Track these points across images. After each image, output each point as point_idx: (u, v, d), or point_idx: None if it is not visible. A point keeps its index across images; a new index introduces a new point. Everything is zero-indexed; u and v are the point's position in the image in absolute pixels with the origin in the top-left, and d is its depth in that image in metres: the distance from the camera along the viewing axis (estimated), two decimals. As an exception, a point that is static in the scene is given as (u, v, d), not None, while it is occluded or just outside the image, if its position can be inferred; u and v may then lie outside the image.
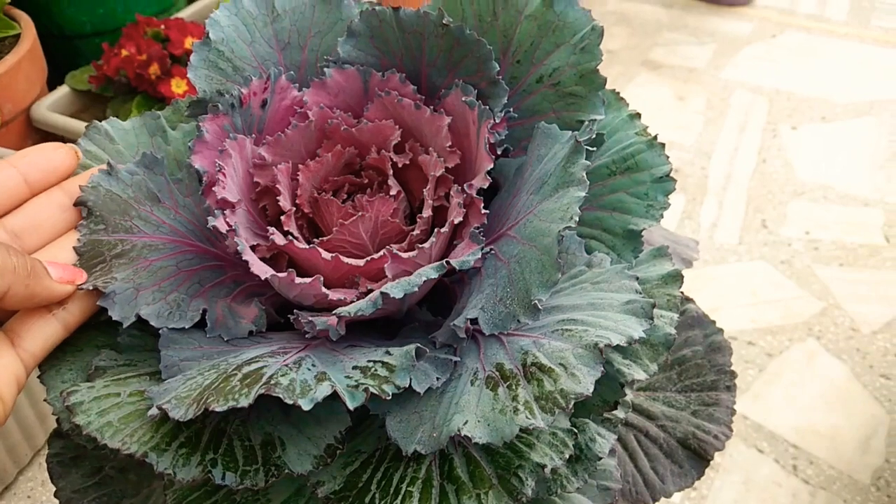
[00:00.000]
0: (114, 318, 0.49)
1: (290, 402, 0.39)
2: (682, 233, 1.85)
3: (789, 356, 1.56)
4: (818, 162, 2.08)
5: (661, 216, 0.56)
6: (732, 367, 0.72)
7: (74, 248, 0.50)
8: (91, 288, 0.49)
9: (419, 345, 0.45)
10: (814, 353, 1.57)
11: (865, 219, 1.89)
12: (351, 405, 0.41)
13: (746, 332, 1.61)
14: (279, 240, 0.51)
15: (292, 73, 0.57)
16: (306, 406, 0.39)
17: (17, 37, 1.46)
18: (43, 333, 0.48)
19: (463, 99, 0.53)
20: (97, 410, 0.43)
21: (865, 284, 1.72)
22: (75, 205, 0.52)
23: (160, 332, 0.49)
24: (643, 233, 0.56)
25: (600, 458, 0.51)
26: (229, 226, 0.49)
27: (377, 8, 0.55)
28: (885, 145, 2.13)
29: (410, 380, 0.43)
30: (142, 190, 0.53)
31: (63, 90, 1.55)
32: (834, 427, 1.44)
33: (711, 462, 0.70)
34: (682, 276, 0.54)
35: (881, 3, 2.81)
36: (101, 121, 0.60)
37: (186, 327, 0.50)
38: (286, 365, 0.43)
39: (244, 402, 0.39)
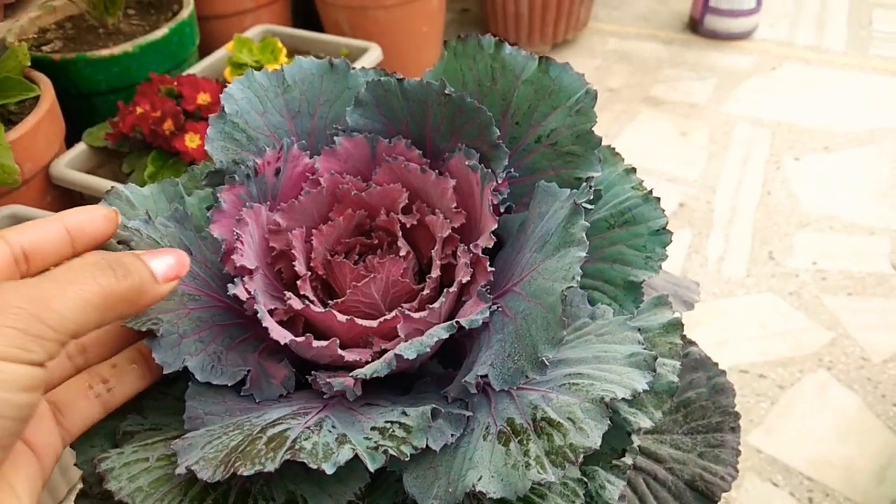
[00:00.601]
0: (157, 362, 0.50)
1: (315, 466, 0.41)
2: (689, 267, 1.87)
3: (801, 388, 1.57)
4: (822, 192, 2.10)
5: (660, 267, 0.58)
6: (737, 408, 0.73)
7: None
8: (144, 329, 0.50)
9: (435, 406, 0.47)
10: (825, 384, 1.58)
11: (872, 247, 1.91)
12: (372, 467, 0.43)
13: (757, 365, 1.62)
14: (296, 304, 0.54)
15: (303, 141, 0.60)
16: (329, 470, 0.41)
17: (37, 98, 1.51)
18: (84, 414, 0.50)
19: (466, 163, 0.56)
20: (127, 476, 0.46)
21: (874, 313, 1.73)
22: (119, 242, 0.53)
23: (188, 383, 0.51)
24: (643, 282, 0.58)
25: (610, 505, 0.53)
26: (249, 293, 0.51)
27: (382, 79, 0.58)
28: (888, 173, 2.15)
29: (427, 439, 0.46)
30: (175, 241, 0.55)
31: (80, 147, 1.60)
32: (848, 458, 1.44)
33: (726, 497, 0.71)
34: (682, 325, 0.57)
35: (879, 33, 2.85)
36: (117, 174, 0.63)
37: (229, 384, 0.52)
38: (308, 427, 0.45)
39: (270, 467, 0.41)
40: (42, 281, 0.41)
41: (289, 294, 0.54)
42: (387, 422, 0.46)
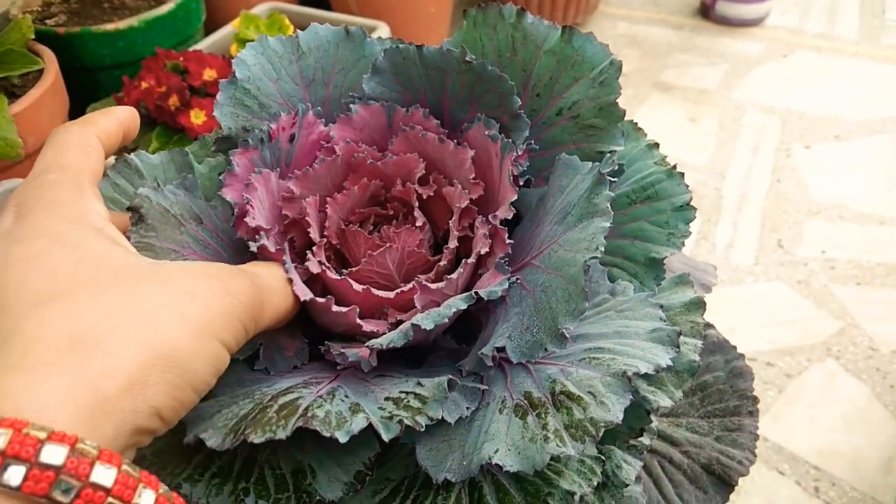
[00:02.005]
0: None
1: (328, 434, 0.40)
2: (697, 254, 1.86)
3: (808, 377, 1.56)
4: (832, 181, 2.08)
5: (683, 244, 0.56)
6: (754, 392, 0.72)
7: None
8: None
9: (451, 377, 0.46)
10: (833, 374, 1.56)
11: (882, 237, 1.89)
12: (386, 437, 0.42)
13: (764, 353, 1.60)
14: (314, 267, 0.52)
15: (318, 108, 0.59)
16: (343, 438, 0.40)
17: (41, 71, 1.49)
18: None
19: (486, 133, 0.55)
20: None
21: (883, 303, 1.71)
22: (128, 209, 0.53)
23: None
24: (665, 259, 0.57)
25: (627, 485, 0.52)
26: (279, 244, 0.50)
27: (401, 46, 0.57)
28: (899, 163, 2.13)
29: (442, 410, 0.44)
30: (186, 208, 0.54)
31: (84, 122, 1.58)
32: (855, 448, 1.43)
33: (734, 489, 0.70)
34: (705, 303, 0.55)
35: (892, 22, 2.82)
36: (121, 150, 0.61)
37: (240, 359, 0.50)
38: (320, 396, 0.44)
39: (282, 435, 0.40)
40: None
41: (309, 254, 0.53)
42: (402, 392, 0.45)
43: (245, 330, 0.44)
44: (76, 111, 1.61)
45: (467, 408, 0.47)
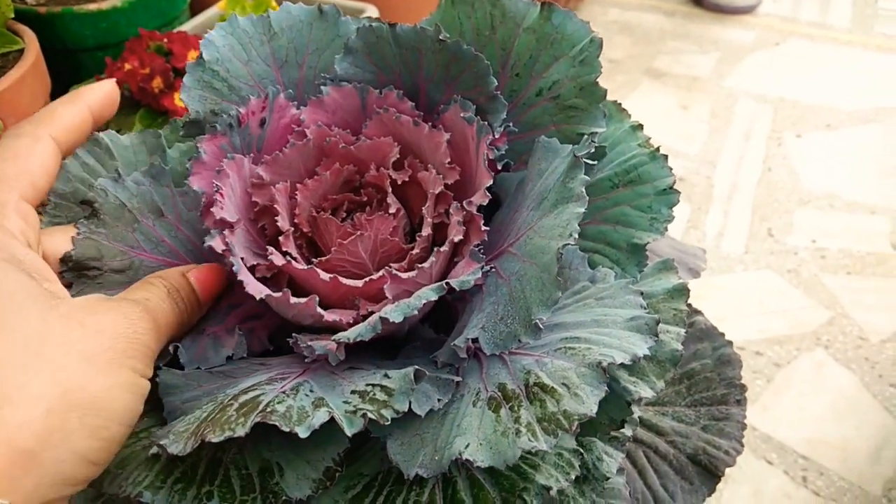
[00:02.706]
0: None
1: (287, 429, 0.38)
2: (687, 242, 1.84)
3: (797, 366, 1.55)
4: (824, 170, 2.07)
5: (666, 229, 0.55)
6: (743, 381, 0.71)
7: (67, 253, 0.50)
8: None
9: (418, 367, 0.44)
10: (822, 363, 1.56)
11: (872, 227, 1.88)
12: (349, 431, 0.40)
13: (754, 343, 1.59)
14: (277, 260, 0.50)
15: (290, 91, 0.57)
16: (303, 434, 0.38)
17: (21, 51, 1.46)
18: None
19: (461, 115, 0.53)
20: None
21: (873, 293, 1.70)
22: (81, 203, 0.52)
23: (157, 378, 0.48)
24: (648, 245, 0.55)
25: (608, 478, 0.50)
26: (226, 245, 0.48)
27: (374, 24, 0.55)
28: (890, 152, 2.12)
29: (410, 403, 0.43)
30: (146, 201, 0.53)
31: (66, 106, 1.55)
32: (844, 438, 1.42)
33: (720, 480, 0.69)
34: (689, 290, 0.53)
35: (884, 11, 2.80)
36: (96, 132, 0.59)
37: (161, 366, 0.49)
38: (283, 392, 0.42)
39: (241, 432, 0.38)
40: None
41: (271, 249, 0.51)
42: (367, 384, 0.43)
43: (153, 352, 0.45)
44: (58, 93, 1.58)
45: (439, 400, 0.45)
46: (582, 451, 0.47)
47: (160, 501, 0.41)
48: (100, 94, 0.55)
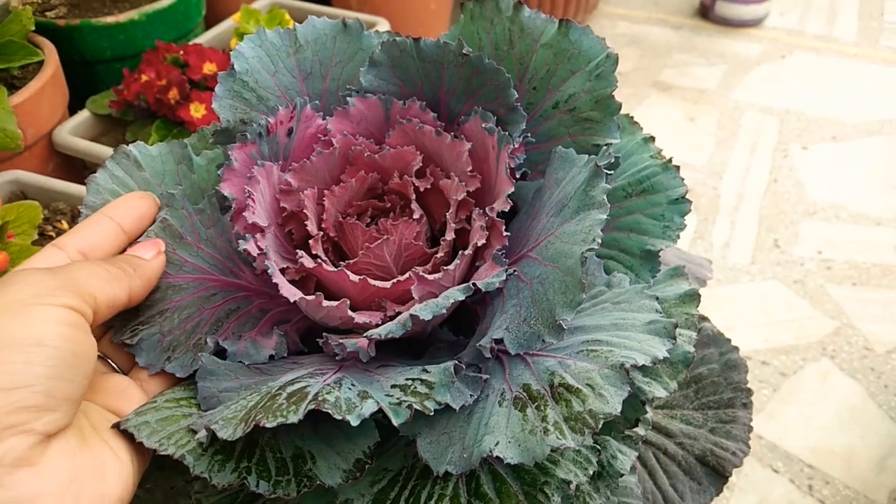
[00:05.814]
0: (142, 365, 0.53)
1: (339, 417, 0.41)
2: (694, 252, 1.86)
3: (803, 376, 1.57)
4: (830, 181, 2.08)
5: (678, 236, 0.57)
6: (748, 385, 0.73)
7: None
8: (118, 343, 0.53)
9: (456, 362, 0.46)
10: (828, 373, 1.57)
11: (878, 238, 1.89)
12: (396, 421, 0.42)
13: (760, 352, 1.61)
14: (308, 262, 0.53)
15: (316, 102, 0.59)
16: (354, 422, 0.41)
17: (41, 63, 1.49)
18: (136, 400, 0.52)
19: (483, 125, 0.55)
20: (135, 410, 0.46)
21: (879, 304, 1.72)
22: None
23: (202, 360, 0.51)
24: (660, 251, 0.57)
25: (622, 475, 0.52)
26: (260, 249, 0.50)
27: (398, 39, 0.57)
28: (896, 164, 2.14)
29: (449, 395, 0.45)
30: (165, 231, 0.55)
31: (84, 115, 1.58)
32: (849, 447, 1.43)
33: (728, 481, 0.71)
34: (699, 296, 0.56)
35: (890, 24, 2.82)
36: (121, 143, 0.62)
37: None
38: (328, 384, 0.45)
39: (294, 419, 0.40)
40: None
41: (301, 252, 0.53)
42: (408, 379, 0.46)
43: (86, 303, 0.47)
44: (76, 105, 1.61)
45: (470, 395, 0.47)
46: (599, 447, 0.49)
47: (200, 467, 0.43)
48: (125, 205, 0.56)
